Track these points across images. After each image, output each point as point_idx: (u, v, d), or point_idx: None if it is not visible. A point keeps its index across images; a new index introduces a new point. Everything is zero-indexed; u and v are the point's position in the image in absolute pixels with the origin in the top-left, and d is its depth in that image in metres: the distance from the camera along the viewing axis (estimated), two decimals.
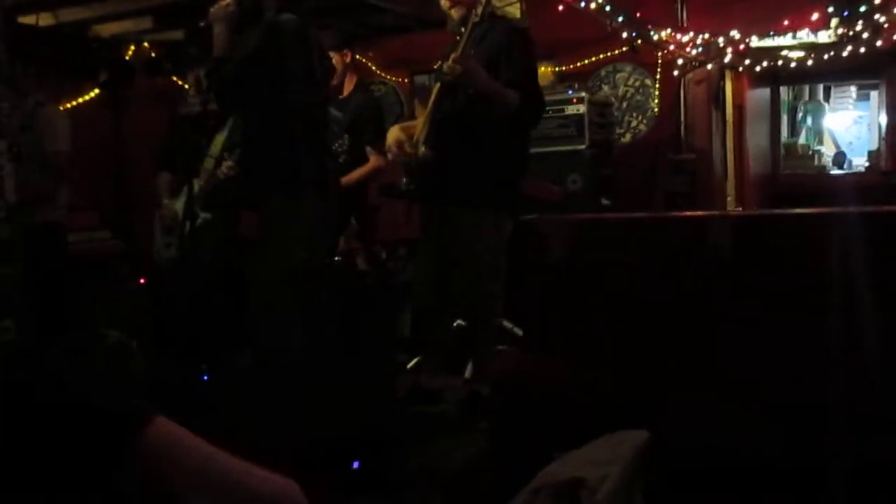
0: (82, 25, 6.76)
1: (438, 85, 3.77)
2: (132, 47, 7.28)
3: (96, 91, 7.08)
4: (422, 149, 3.75)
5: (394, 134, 3.91)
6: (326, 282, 3.80)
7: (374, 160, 4.92)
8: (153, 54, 7.21)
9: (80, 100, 7.07)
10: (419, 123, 3.91)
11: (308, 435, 3.14)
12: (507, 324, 4.20)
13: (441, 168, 3.71)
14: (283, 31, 3.46)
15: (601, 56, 7.36)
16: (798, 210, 2.02)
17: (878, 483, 1.72)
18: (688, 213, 2.26)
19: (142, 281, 5.53)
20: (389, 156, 4.01)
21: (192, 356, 3.86)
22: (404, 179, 3.88)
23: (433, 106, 3.76)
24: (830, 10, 5.90)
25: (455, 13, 3.75)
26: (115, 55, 7.12)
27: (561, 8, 5.79)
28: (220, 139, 4.38)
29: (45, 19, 6.41)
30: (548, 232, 2.16)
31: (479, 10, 3.50)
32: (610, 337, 2.07)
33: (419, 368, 4.77)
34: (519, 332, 4.15)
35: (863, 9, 5.61)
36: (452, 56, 3.50)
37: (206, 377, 3.20)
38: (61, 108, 5.40)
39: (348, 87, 5.10)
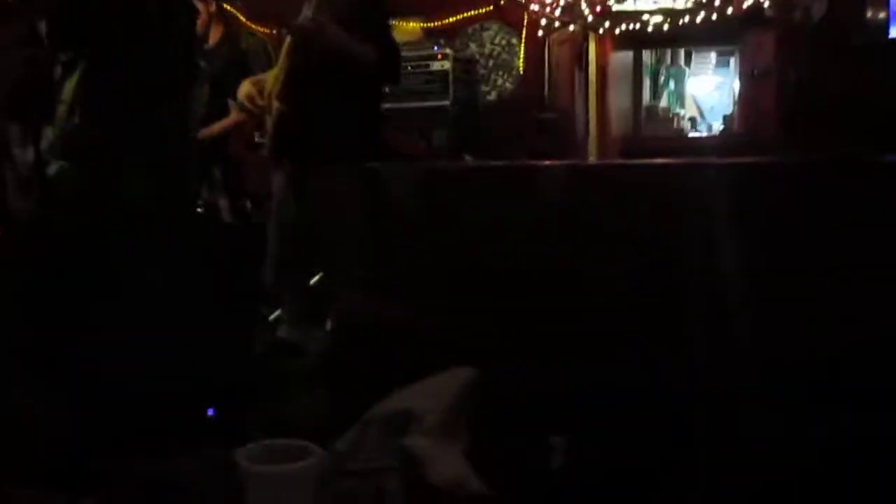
0: None
1: (290, 38, 3.75)
2: None
3: None
4: (275, 103, 3.73)
5: (245, 88, 3.88)
6: (183, 231, 3.77)
7: (235, 114, 4.88)
8: None
9: None
10: (270, 77, 3.89)
11: (162, 384, 3.16)
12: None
13: (295, 123, 3.70)
14: None
15: (469, 14, 7.45)
16: (610, 161, 2.16)
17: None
18: (516, 162, 2.38)
19: None
20: (240, 111, 3.97)
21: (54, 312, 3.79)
22: (256, 133, 3.86)
23: (285, 60, 3.75)
24: None
25: None
26: None
27: None
28: (71, 84, 4.26)
29: None
30: (389, 179, 2.24)
31: None
32: (446, 280, 2.17)
33: (279, 321, 4.83)
34: None
35: None
36: (305, 14, 3.50)
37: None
38: None
39: (214, 38, 5.04)
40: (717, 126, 10.24)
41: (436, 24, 7.53)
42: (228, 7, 7.74)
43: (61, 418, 3.13)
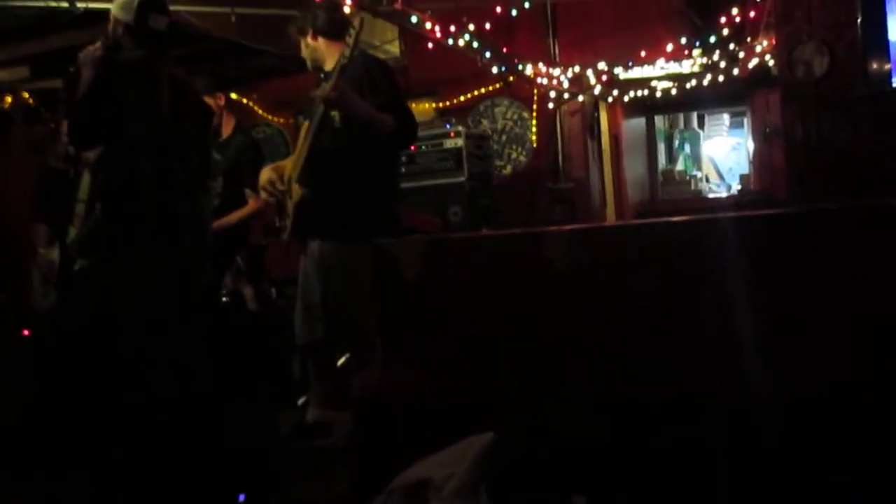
0: None
1: (307, 123, 3.86)
2: (9, 97, 7.20)
3: None
4: (295, 187, 3.81)
5: (266, 174, 3.94)
6: (207, 321, 3.82)
7: (252, 202, 4.95)
8: (31, 102, 7.14)
9: None
10: (289, 162, 3.98)
11: (195, 471, 3.18)
12: None
13: (314, 205, 3.76)
14: (119, 67, 3.50)
15: (479, 91, 7.60)
16: (611, 223, 2.19)
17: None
18: (522, 230, 2.42)
19: (25, 332, 5.44)
20: (262, 195, 4.05)
21: (75, 402, 3.84)
22: (277, 218, 3.93)
23: (303, 145, 3.83)
24: (683, 40, 6.24)
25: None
26: None
27: (431, 46, 5.97)
28: (85, 182, 4.38)
29: None
30: (399, 254, 2.28)
31: (347, 52, 3.61)
32: (460, 349, 2.20)
33: (307, 405, 4.84)
34: None
35: (712, 39, 5.96)
36: (326, 85, 3.59)
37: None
38: None
39: (227, 130, 5.15)
40: (736, 185, 10.32)
41: (448, 103, 7.68)
42: (244, 100, 7.98)
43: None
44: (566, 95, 7.27)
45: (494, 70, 6.54)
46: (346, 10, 4.90)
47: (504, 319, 2.12)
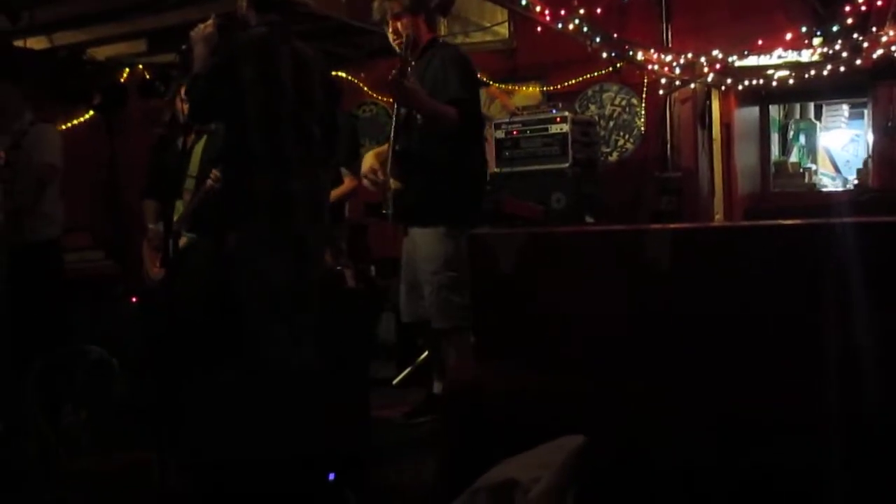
0: (78, 48, 6.88)
1: (396, 116, 4.06)
2: (126, 70, 7.40)
3: (91, 113, 7.20)
4: (391, 180, 4.02)
5: (368, 161, 4.19)
6: (314, 298, 3.87)
7: (348, 181, 5.02)
8: (147, 77, 7.32)
9: (75, 122, 7.19)
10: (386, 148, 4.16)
11: (288, 447, 3.23)
12: None
13: (404, 194, 4.00)
14: (242, 45, 3.55)
15: (588, 76, 7.47)
16: (718, 224, 2.10)
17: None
18: (624, 226, 2.34)
19: (134, 300, 5.61)
20: (365, 182, 4.22)
21: (177, 373, 3.93)
22: (381, 203, 4.11)
23: (392, 139, 4.04)
24: (804, 29, 6.01)
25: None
26: (109, 78, 7.24)
27: (540, 29, 5.89)
28: (196, 157, 4.46)
29: (40, 43, 6.52)
30: (496, 245, 2.24)
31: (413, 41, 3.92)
32: (556, 345, 2.15)
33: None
34: None
35: (835, 28, 5.71)
36: (391, 76, 3.78)
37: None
38: (53, 126, 5.49)
39: None
40: (852, 180, 9.91)
41: (555, 87, 7.58)
42: (352, 79, 8.03)
43: (182, 476, 3.23)
44: (677, 82, 7.09)
45: (604, 55, 6.41)
46: None
47: (602, 320, 2.06)
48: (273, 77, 3.55)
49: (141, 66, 7.38)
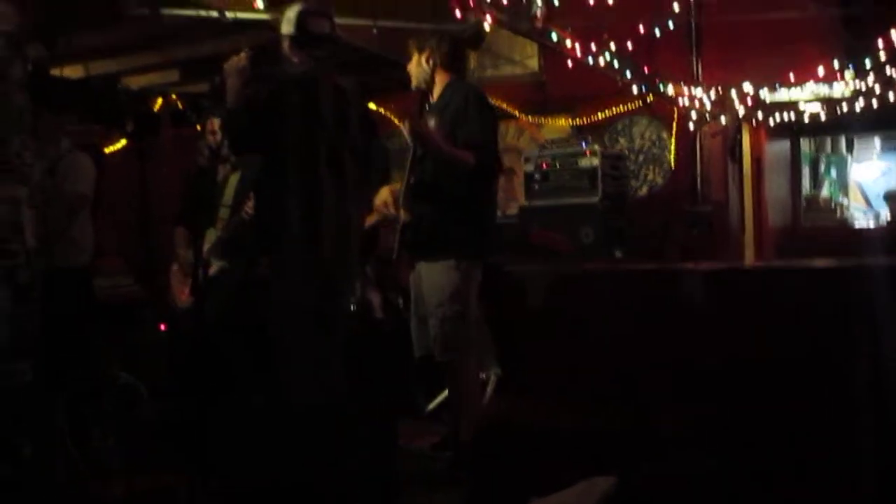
0: (112, 77, 6.96)
1: (412, 151, 4.05)
2: (160, 99, 7.48)
3: (124, 141, 7.28)
4: (402, 212, 4.06)
5: (382, 195, 4.20)
6: (342, 328, 3.88)
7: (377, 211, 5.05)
8: (180, 106, 7.39)
9: (109, 149, 7.27)
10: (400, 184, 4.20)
11: (313, 473, 3.23)
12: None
13: (413, 227, 4.02)
14: (288, 80, 3.59)
15: (617, 109, 7.47)
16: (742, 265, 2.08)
17: None
18: (650, 265, 2.33)
19: (162, 327, 5.63)
20: (376, 215, 4.29)
21: (203, 399, 3.94)
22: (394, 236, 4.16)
23: (408, 172, 4.07)
24: (836, 62, 5.98)
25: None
26: (142, 106, 7.31)
27: (571, 64, 5.89)
28: (231, 188, 4.50)
29: (76, 71, 6.61)
30: (525, 280, 2.23)
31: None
32: (587, 382, 2.13)
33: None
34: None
35: (867, 61, 5.68)
36: (405, 122, 3.87)
37: None
38: (88, 156, 5.55)
39: None
40: (885, 214, 9.80)
41: (585, 120, 7.58)
42: (382, 110, 8.07)
43: (209, 500, 3.23)
44: (708, 116, 7.06)
45: (634, 90, 6.40)
46: (486, 27, 4.96)
47: (632, 357, 2.05)
48: (314, 112, 3.59)
49: (174, 96, 7.46)
